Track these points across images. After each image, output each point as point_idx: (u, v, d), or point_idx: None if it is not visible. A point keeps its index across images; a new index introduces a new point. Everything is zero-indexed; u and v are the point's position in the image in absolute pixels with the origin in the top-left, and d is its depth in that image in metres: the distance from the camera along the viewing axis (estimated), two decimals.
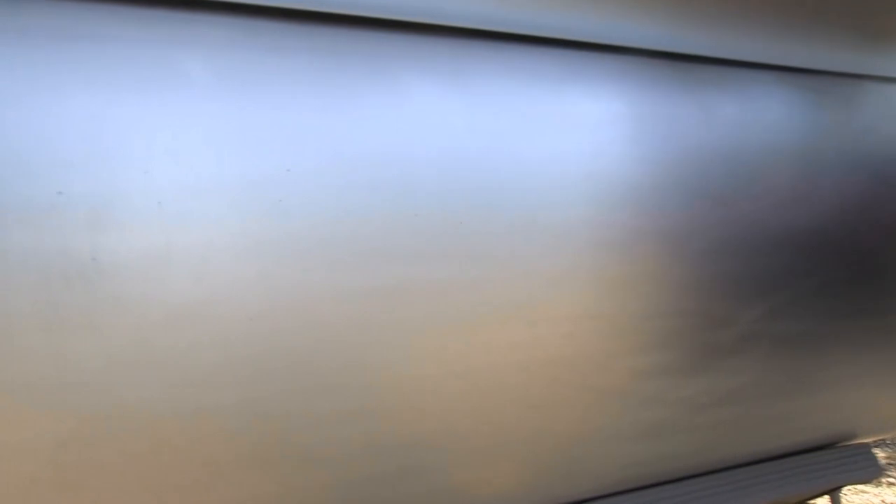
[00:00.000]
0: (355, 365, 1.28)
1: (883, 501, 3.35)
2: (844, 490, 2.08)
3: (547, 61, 1.49)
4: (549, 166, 1.44)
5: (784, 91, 1.74)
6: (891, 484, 3.55)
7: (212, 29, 1.20)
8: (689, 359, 1.62)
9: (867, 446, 2.03)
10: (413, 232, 1.31)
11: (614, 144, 1.51)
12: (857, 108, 1.83)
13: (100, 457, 1.13)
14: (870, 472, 1.98)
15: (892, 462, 3.87)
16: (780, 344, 1.73)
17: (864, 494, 3.42)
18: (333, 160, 1.25)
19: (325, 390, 1.26)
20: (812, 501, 2.16)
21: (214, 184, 1.17)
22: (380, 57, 1.32)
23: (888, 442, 4.11)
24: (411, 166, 1.31)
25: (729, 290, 1.65)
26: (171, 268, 1.14)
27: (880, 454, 3.92)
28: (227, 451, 1.21)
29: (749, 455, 1.82)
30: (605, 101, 1.52)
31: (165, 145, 1.15)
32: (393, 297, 1.30)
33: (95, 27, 1.13)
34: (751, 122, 1.67)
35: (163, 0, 1.17)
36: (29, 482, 1.10)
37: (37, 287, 1.07)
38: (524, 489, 1.53)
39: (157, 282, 1.14)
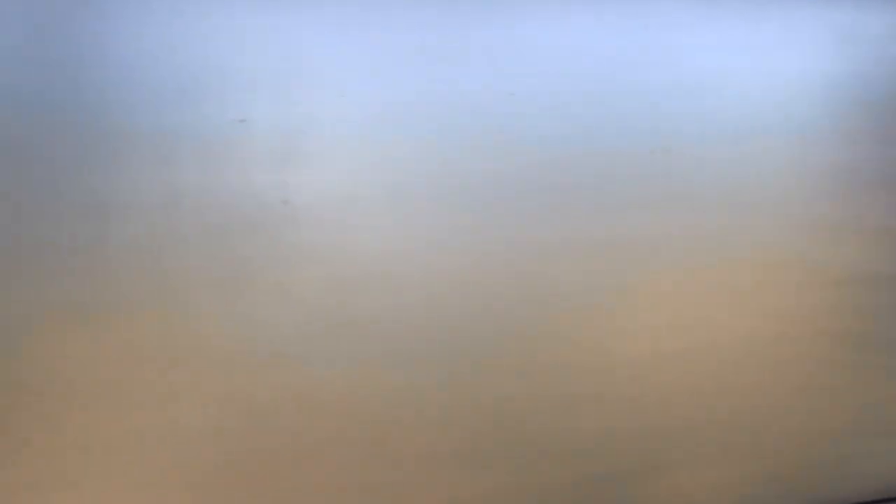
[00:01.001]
0: (588, 335, 1.06)
1: None
2: None
3: None
4: (785, 91, 1.17)
5: None
6: None
7: None
8: None
9: None
10: (658, 171, 1.06)
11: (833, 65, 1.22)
12: None
13: (288, 444, 0.94)
14: None
15: None
16: None
17: None
18: (571, 81, 1.04)
19: (552, 368, 1.03)
20: None
21: (427, 108, 0.99)
22: None
23: None
24: (656, 93, 1.07)
25: None
26: (378, 211, 0.96)
27: None
28: (440, 442, 1.00)
29: None
30: (824, 19, 1.23)
31: (365, 62, 0.97)
32: (641, 251, 1.05)
33: None
34: None
35: None
36: (206, 467, 0.92)
37: (214, 236, 0.91)
38: (767, 494, 1.26)
39: (361, 230, 0.96)
